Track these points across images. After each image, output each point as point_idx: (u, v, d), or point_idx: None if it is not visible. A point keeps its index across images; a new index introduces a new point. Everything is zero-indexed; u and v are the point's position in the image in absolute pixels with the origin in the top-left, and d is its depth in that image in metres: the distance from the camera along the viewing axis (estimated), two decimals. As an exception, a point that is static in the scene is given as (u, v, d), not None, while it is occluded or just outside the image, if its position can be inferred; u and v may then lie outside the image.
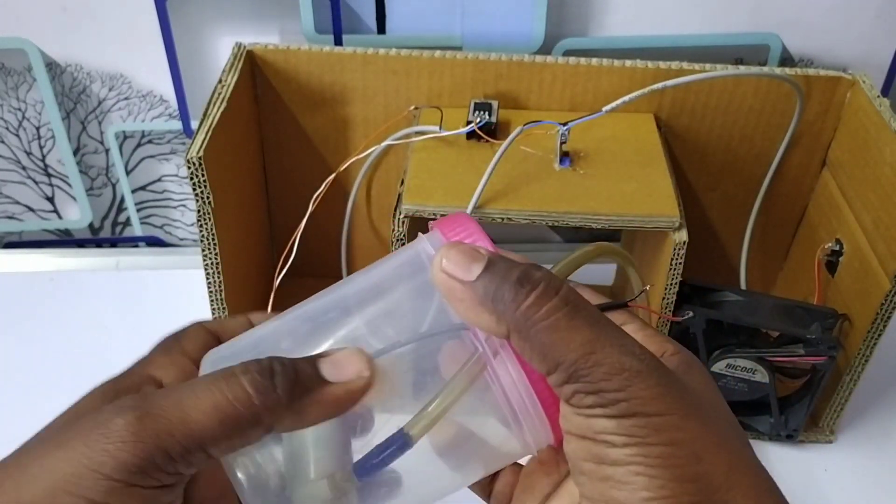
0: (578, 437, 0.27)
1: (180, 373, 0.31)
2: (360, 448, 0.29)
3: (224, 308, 0.57)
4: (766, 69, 0.61)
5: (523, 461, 0.34)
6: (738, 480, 0.26)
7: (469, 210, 0.52)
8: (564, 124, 0.55)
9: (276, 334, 0.32)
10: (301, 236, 0.57)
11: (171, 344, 0.33)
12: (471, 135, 0.57)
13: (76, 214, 0.80)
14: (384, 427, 0.29)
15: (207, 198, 0.51)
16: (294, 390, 0.27)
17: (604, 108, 0.56)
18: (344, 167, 0.62)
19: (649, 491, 0.25)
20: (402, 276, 0.31)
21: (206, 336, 0.33)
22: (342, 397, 0.28)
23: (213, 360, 0.30)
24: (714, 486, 0.25)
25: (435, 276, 0.28)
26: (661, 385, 0.26)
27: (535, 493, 0.33)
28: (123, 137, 0.75)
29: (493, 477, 0.35)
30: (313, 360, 0.28)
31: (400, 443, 0.28)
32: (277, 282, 0.57)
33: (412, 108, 0.62)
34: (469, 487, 0.35)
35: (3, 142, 0.74)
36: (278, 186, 0.69)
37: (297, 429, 0.28)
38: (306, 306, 0.32)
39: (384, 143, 0.62)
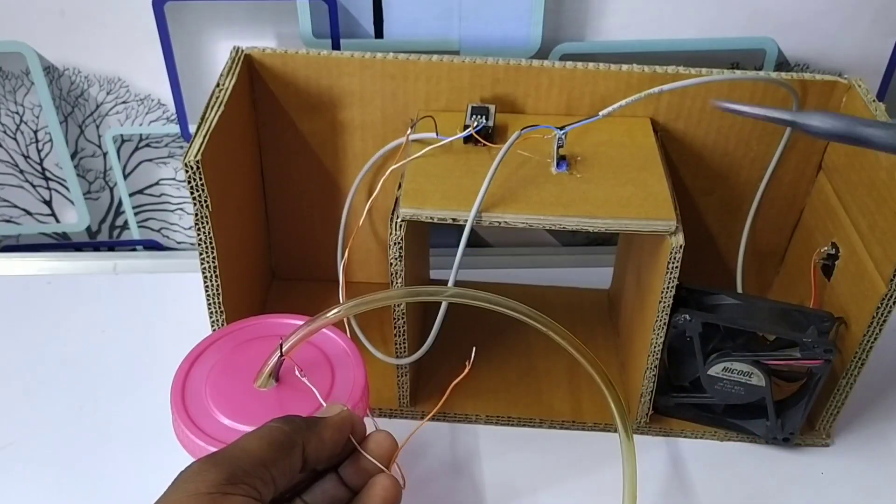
0: None
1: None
2: None
3: (222, 311, 0.57)
4: (761, 74, 0.61)
5: None
6: None
7: (471, 215, 0.52)
8: (561, 128, 0.55)
9: None
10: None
11: None
12: (468, 139, 0.58)
13: (74, 218, 0.80)
14: None
15: (205, 201, 0.51)
16: (308, 420, 0.41)
17: (600, 113, 0.56)
18: (356, 184, 0.62)
19: None
20: None
21: None
22: (338, 421, 0.42)
23: None
24: None
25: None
26: None
27: None
28: (121, 141, 0.75)
29: None
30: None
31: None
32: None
33: (410, 119, 0.62)
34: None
35: (0, 145, 0.74)
36: (276, 190, 0.69)
37: (322, 449, 0.40)
38: None
39: (382, 151, 0.62)
